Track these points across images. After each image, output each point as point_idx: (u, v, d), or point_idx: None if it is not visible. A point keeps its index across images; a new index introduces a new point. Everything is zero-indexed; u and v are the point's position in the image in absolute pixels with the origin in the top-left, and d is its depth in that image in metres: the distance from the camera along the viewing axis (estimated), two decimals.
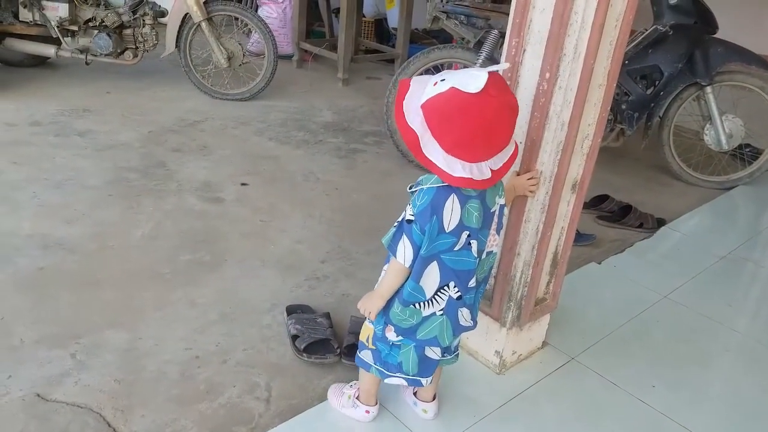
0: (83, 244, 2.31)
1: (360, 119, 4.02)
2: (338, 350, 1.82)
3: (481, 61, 2.94)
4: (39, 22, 3.79)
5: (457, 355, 1.58)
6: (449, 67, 3.33)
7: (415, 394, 1.65)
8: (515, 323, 1.72)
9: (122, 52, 3.90)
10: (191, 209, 2.65)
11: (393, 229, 1.33)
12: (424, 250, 1.28)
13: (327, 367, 1.80)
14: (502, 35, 2.93)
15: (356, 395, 1.59)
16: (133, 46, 3.90)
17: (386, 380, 1.50)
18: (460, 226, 1.28)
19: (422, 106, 1.18)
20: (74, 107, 3.64)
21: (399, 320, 1.39)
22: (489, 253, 1.41)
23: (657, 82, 3.10)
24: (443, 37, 5.27)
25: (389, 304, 1.40)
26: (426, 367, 1.47)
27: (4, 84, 3.85)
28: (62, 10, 3.73)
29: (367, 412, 1.58)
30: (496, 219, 1.38)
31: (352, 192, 2.96)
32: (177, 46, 3.89)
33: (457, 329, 1.42)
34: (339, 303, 2.09)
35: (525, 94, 1.52)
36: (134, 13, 3.81)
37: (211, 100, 3.99)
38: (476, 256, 1.33)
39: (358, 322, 1.93)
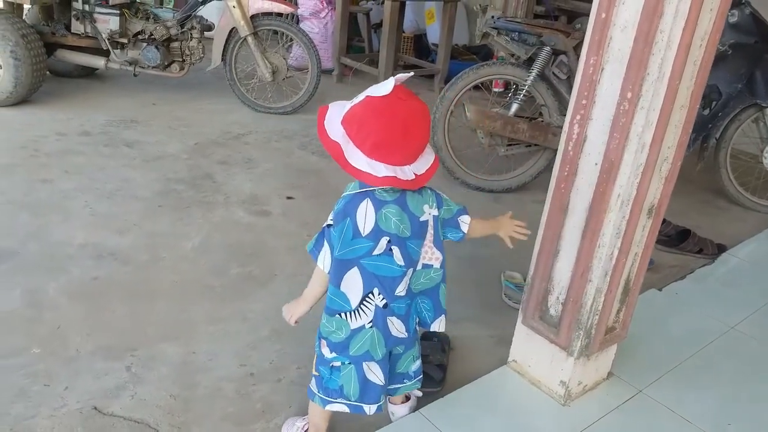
0: (135, 255, 2.31)
1: None
2: None
3: (532, 77, 2.90)
4: (90, 34, 3.86)
5: (419, 381, 1.57)
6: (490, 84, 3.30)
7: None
8: (583, 352, 1.65)
9: (169, 65, 3.95)
10: (239, 222, 2.64)
11: (316, 235, 1.38)
12: (337, 251, 1.32)
13: None
14: (554, 52, 2.91)
15: (305, 429, 1.55)
16: (180, 59, 3.95)
17: (327, 407, 1.46)
18: (377, 231, 1.31)
19: (342, 121, 1.27)
20: (122, 118, 3.68)
21: (328, 332, 1.40)
22: (427, 267, 1.40)
23: (714, 103, 3.00)
24: (483, 53, 5.24)
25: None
26: (368, 391, 1.43)
27: (55, 94, 3.93)
28: (113, 23, 3.80)
29: None
30: (431, 231, 1.38)
31: None
32: (223, 59, 3.92)
33: (390, 340, 1.40)
34: None
35: (603, 114, 1.47)
36: (182, 26, 3.86)
37: (254, 113, 4.01)
38: (400, 263, 1.34)
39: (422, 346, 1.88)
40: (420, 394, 1.68)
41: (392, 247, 1.32)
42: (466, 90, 2.99)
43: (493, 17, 2.87)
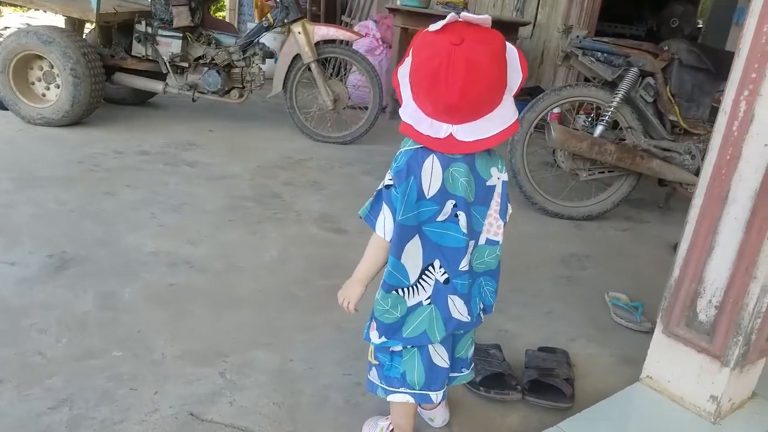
0: (211, 263, 2.15)
1: None
2: (518, 386, 1.57)
3: (617, 100, 2.80)
4: (151, 57, 3.85)
5: (474, 370, 1.38)
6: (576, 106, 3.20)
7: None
8: (739, 362, 1.45)
9: (228, 91, 3.90)
10: (314, 237, 2.49)
11: (371, 199, 1.18)
12: (400, 215, 1.13)
13: (509, 405, 1.55)
14: (642, 74, 2.81)
15: (389, 429, 1.37)
16: (240, 86, 3.91)
17: (389, 398, 1.29)
18: (443, 193, 1.14)
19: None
20: (179, 141, 3.61)
21: (381, 312, 1.21)
22: (492, 243, 1.22)
23: None
24: (536, 94, 5.19)
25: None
26: (434, 377, 1.26)
27: (109, 118, 3.89)
28: (175, 46, 3.79)
29: None
30: (497, 198, 1.20)
31: None
32: (284, 87, 3.87)
33: (449, 322, 1.21)
34: (496, 339, 1.84)
35: None
36: (244, 52, 3.84)
37: (312, 142, 3.93)
38: (465, 232, 1.16)
39: (536, 357, 1.70)
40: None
41: (458, 212, 1.15)
42: (546, 112, 2.89)
43: (578, 37, 2.80)
